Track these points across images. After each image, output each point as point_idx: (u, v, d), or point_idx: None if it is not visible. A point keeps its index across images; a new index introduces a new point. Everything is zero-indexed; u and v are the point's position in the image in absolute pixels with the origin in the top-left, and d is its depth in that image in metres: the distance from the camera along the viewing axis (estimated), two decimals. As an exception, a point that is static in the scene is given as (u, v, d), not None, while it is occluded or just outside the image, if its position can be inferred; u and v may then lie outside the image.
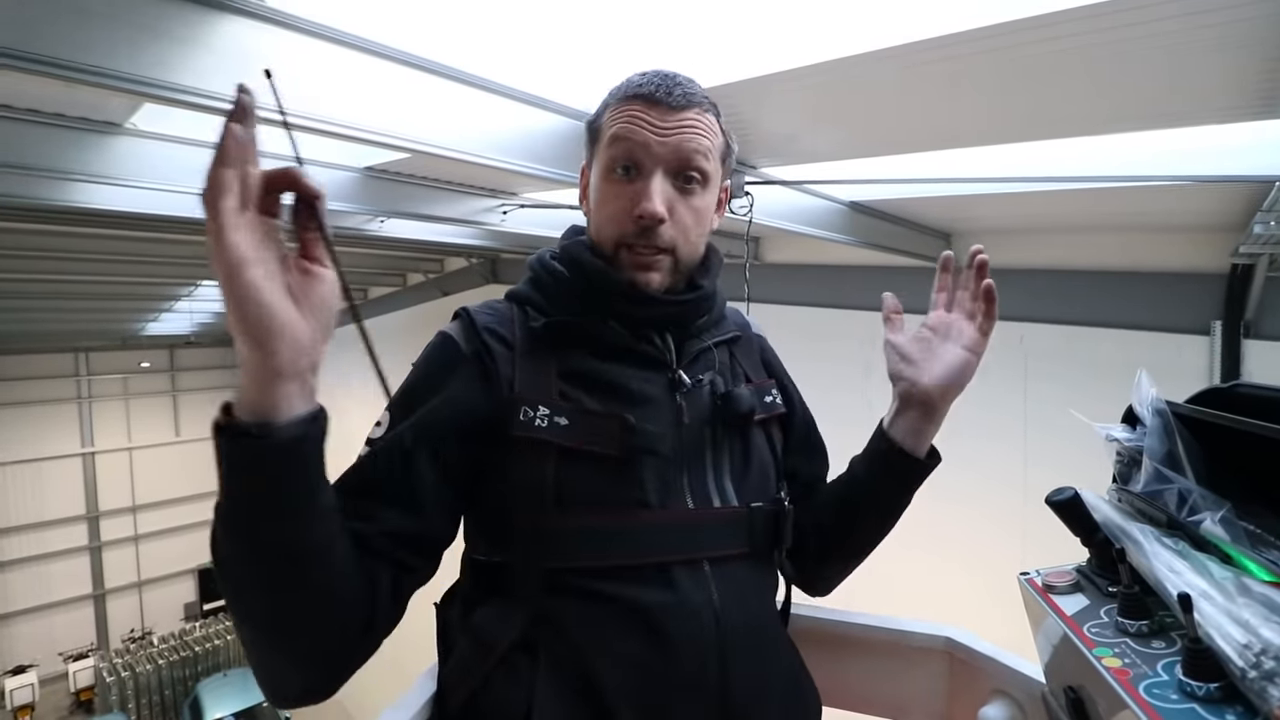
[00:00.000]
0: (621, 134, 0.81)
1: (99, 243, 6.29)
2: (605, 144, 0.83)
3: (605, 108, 0.86)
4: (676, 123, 0.81)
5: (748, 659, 0.77)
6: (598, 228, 0.86)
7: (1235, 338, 3.31)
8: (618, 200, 0.82)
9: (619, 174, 0.82)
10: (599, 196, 0.85)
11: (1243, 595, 0.52)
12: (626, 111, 0.82)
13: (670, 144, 0.80)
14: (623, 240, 0.82)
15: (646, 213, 0.79)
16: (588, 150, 0.90)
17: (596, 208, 0.86)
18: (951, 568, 4.49)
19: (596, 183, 0.86)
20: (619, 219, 0.82)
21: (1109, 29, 1.65)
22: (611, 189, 0.83)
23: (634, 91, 0.82)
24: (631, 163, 0.81)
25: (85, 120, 2.64)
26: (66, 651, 13.46)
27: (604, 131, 0.84)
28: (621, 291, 0.82)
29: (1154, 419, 0.70)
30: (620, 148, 0.81)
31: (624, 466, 0.76)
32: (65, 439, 14.71)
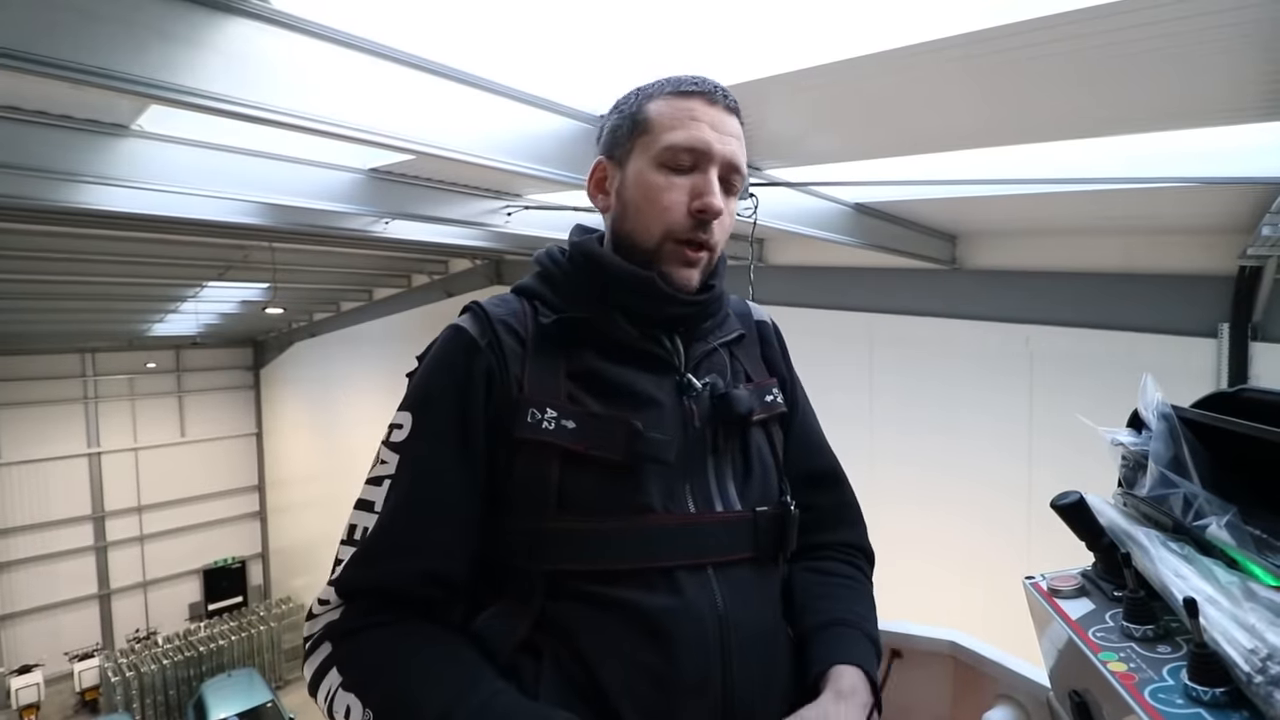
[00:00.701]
0: (684, 131, 0.79)
1: (106, 244, 6.32)
2: (659, 134, 0.80)
3: (646, 99, 0.83)
4: (729, 128, 0.81)
5: (751, 663, 0.76)
6: (643, 220, 0.82)
7: (1243, 340, 3.29)
8: (672, 192, 0.80)
9: (674, 166, 0.80)
10: (646, 186, 0.81)
11: (1249, 600, 0.51)
12: (685, 107, 0.80)
13: (728, 149, 0.81)
14: (672, 234, 0.80)
15: (710, 207, 0.79)
16: (619, 141, 0.85)
17: (643, 198, 0.81)
18: (955, 571, 4.48)
19: (642, 174, 0.81)
20: (673, 211, 0.80)
21: (1116, 30, 1.64)
22: (665, 179, 0.80)
23: (690, 88, 0.81)
24: (693, 159, 0.80)
25: (93, 122, 2.66)
26: (72, 651, 13.49)
27: (654, 122, 0.81)
28: (644, 287, 0.80)
29: (1159, 423, 0.70)
30: (681, 139, 0.79)
31: (628, 471, 0.76)
32: (71, 439, 14.76)
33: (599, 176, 0.88)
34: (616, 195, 0.85)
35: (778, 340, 0.99)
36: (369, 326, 11.15)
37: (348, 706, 0.68)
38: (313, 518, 13.94)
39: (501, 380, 0.77)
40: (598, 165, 0.88)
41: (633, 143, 0.83)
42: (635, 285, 0.81)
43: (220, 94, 1.54)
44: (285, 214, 4.26)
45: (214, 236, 6.14)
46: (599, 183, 0.89)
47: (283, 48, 1.68)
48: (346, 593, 0.74)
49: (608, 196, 0.87)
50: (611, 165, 0.87)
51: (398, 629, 0.72)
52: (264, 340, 16.48)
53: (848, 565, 0.92)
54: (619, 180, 0.85)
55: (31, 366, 14.08)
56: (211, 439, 16.46)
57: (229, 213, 4.07)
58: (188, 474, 15.94)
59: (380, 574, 0.73)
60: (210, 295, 9.80)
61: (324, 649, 0.72)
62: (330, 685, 0.70)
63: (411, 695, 0.66)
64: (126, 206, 3.45)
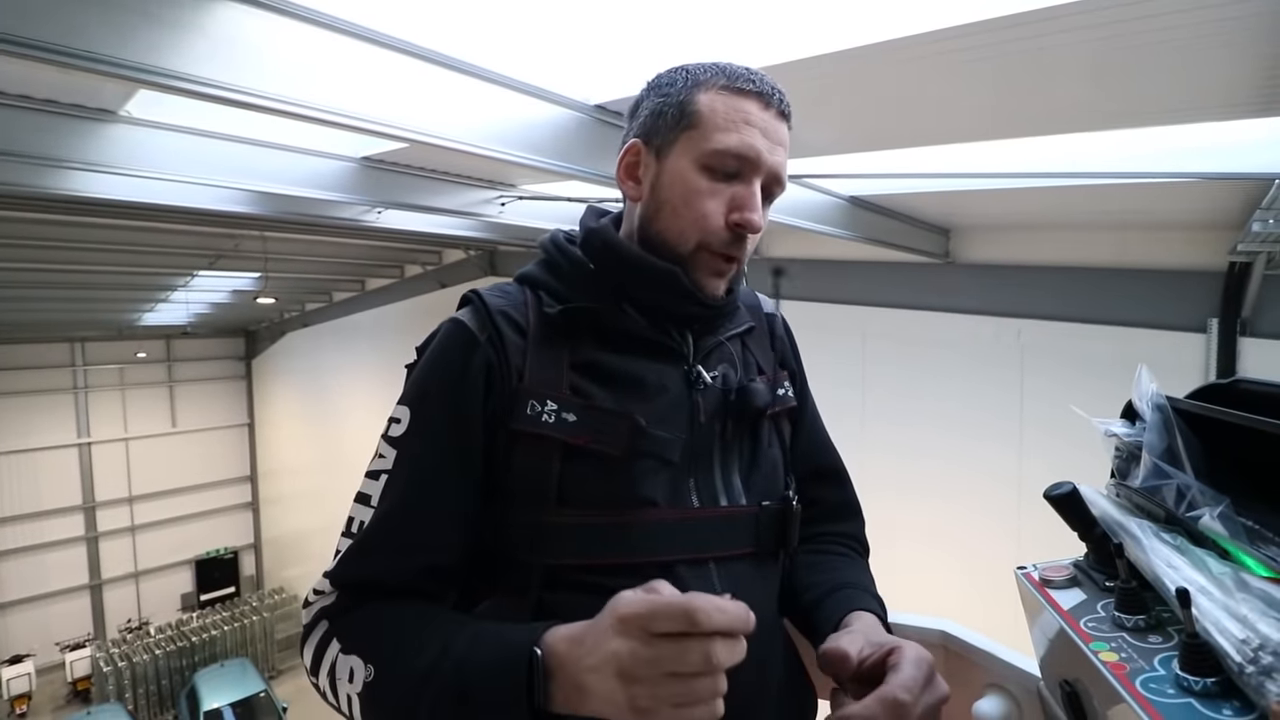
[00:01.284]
0: (735, 131, 0.74)
1: (94, 232, 6.26)
2: (708, 133, 0.75)
3: (696, 86, 0.77)
4: (780, 136, 0.77)
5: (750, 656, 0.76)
6: (679, 224, 0.77)
7: (1232, 335, 3.32)
8: (713, 199, 0.75)
9: (719, 171, 0.75)
10: (686, 188, 0.76)
11: (1241, 590, 0.51)
12: (740, 106, 0.75)
13: (776, 160, 0.76)
14: (707, 243, 0.76)
15: (750, 224, 0.75)
16: (659, 128, 0.79)
17: (682, 201, 0.77)
18: (947, 562, 4.51)
19: (685, 173, 0.76)
20: (711, 220, 0.75)
21: (1112, 24, 1.64)
22: (707, 185, 0.76)
23: (746, 86, 0.76)
24: (741, 165, 0.75)
25: (78, 107, 2.62)
26: (63, 641, 13.44)
27: (705, 118, 0.75)
28: (666, 283, 0.78)
29: (1154, 414, 0.70)
30: (733, 145, 0.74)
31: (629, 466, 0.75)
32: (61, 429, 14.67)
33: (631, 161, 0.82)
34: (650, 187, 0.80)
35: (786, 333, 0.98)
36: (362, 317, 11.11)
37: (351, 668, 0.68)
38: (305, 508, 13.92)
39: (501, 373, 0.76)
40: (631, 148, 0.81)
41: (677, 135, 0.77)
42: (657, 280, 0.78)
43: (208, 78, 1.52)
44: (276, 202, 4.22)
45: (204, 225, 6.08)
46: (630, 168, 0.82)
47: (272, 32, 1.65)
48: (341, 585, 0.74)
49: (639, 185, 0.81)
50: (648, 152, 0.80)
51: (391, 602, 0.73)
52: (256, 330, 16.39)
53: (846, 549, 0.93)
54: (655, 171, 0.79)
55: (20, 356, 13.96)
56: (203, 429, 16.39)
57: (219, 201, 4.04)
58: (179, 464, 15.87)
59: (375, 567, 0.73)
60: (201, 284, 9.72)
61: (321, 627, 0.73)
62: (332, 655, 0.70)
63: (409, 643, 0.67)
64: (114, 194, 3.41)
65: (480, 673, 0.61)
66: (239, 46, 1.58)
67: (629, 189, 0.83)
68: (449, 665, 0.62)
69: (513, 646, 0.60)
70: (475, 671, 0.61)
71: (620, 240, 0.81)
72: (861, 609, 0.77)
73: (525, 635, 0.61)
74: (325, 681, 0.71)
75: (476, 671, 0.61)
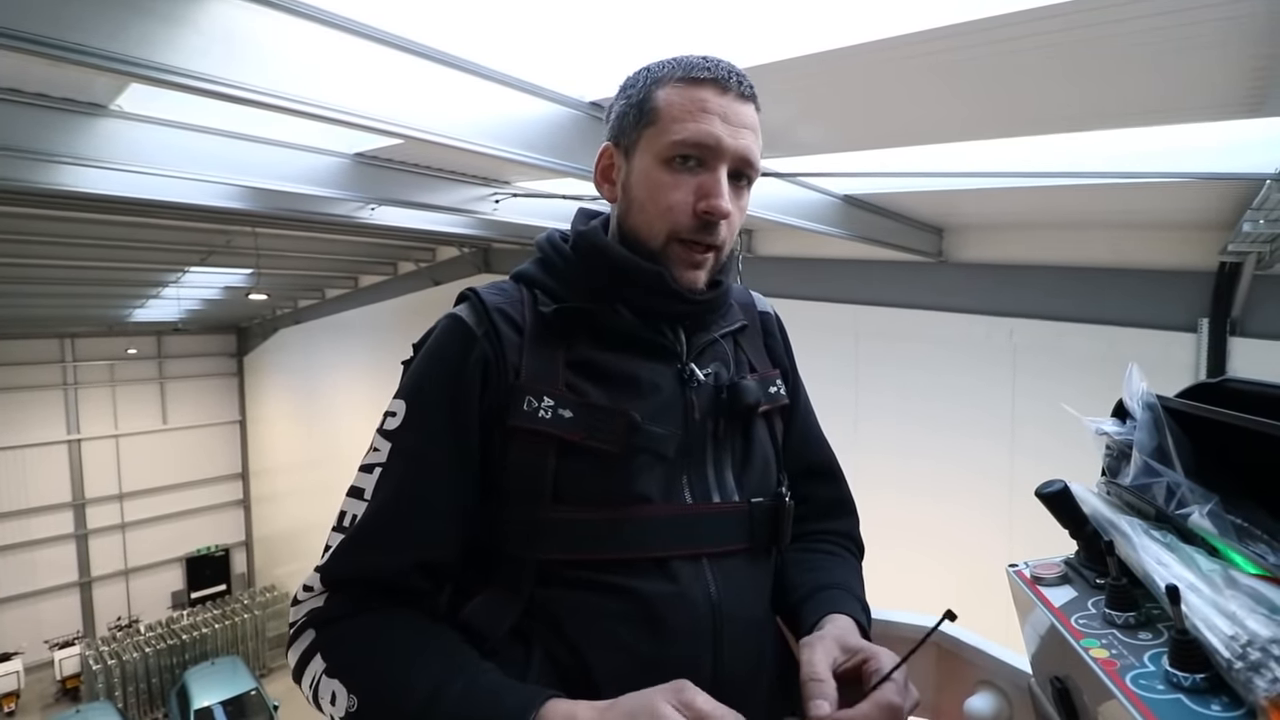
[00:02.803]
0: (692, 121, 0.75)
1: (85, 227, 6.21)
2: (665, 127, 0.76)
3: (655, 84, 0.78)
4: (742, 119, 0.77)
5: (742, 652, 0.77)
6: (647, 218, 0.78)
7: (1222, 335, 3.34)
8: (677, 191, 0.76)
9: (680, 164, 0.76)
10: (651, 184, 0.77)
11: (1230, 587, 0.52)
12: (695, 96, 0.75)
13: (740, 143, 0.76)
14: (676, 234, 0.77)
15: (717, 210, 0.75)
16: (625, 129, 0.80)
17: (648, 196, 0.78)
18: (939, 560, 4.53)
19: (648, 169, 0.78)
20: (677, 211, 0.76)
21: (1103, 24, 1.65)
22: (670, 178, 0.76)
23: (701, 75, 0.76)
24: (700, 154, 0.75)
25: (69, 101, 2.59)
26: (52, 639, 13.35)
27: (662, 113, 0.76)
28: (652, 283, 0.78)
29: (1144, 413, 0.71)
30: (689, 135, 0.75)
31: (625, 462, 0.75)
32: (51, 425, 14.55)
33: (605, 164, 0.84)
34: (623, 188, 0.82)
35: (780, 332, 0.98)
36: (355, 314, 11.06)
37: (333, 693, 0.67)
38: (297, 506, 13.86)
39: (498, 369, 0.76)
40: (604, 152, 0.84)
41: (639, 133, 0.79)
42: (642, 280, 0.79)
43: (201, 73, 1.51)
44: (268, 198, 4.20)
45: (196, 220, 6.04)
46: (605, 171, 0.84)
47: (265, 27, 1.64)
48: (332, 580, 0.73)
49: (614, 187, 0.83)
50: (618, 154, 0.82)
51: (381, 616, 0.71)
52: (248, 327, 16.29)
53: (838, 548, 0.93)
54: (625, 171, 0.81)
55: (9, 351, 13.84)
56: (194, 426, 16.29)
57: (211, 196, 4.01)
58: (170, 461, 15.77)
59: (366, 563, 0.73)
60: (192, 280, 9.65)
61: (308, 635, 0.72)
62: (315, 672, 0.69)
63: (397, 680, 0.66)
64: (105, 188, 3.39)
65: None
66: (232, 41, 1.57)
67: (605, 192, 0.85)
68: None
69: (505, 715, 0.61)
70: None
71: (608, 242, 0.81)
72: (840, 612, 0.77)
73: (519, 705, 0.62)
74: (309, 693, 0.70)
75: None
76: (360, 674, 0.67)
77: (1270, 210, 2.40)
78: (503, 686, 0.65)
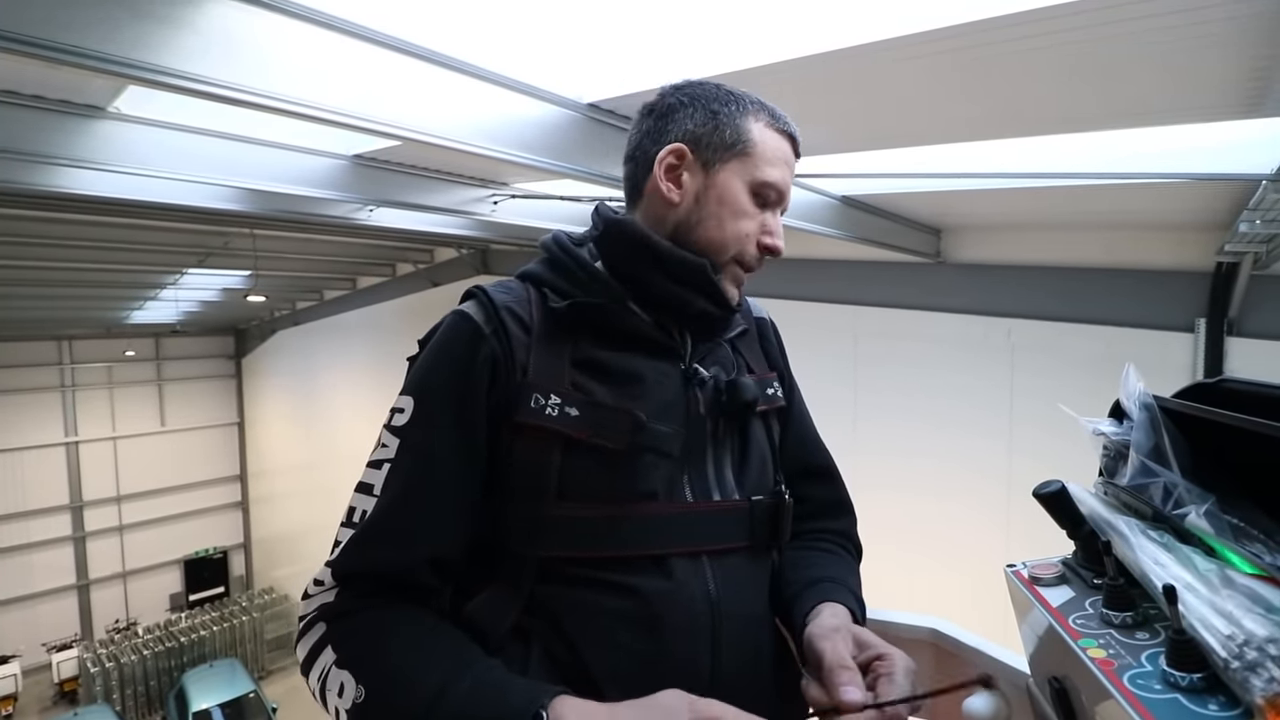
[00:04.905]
0: (780, 167, 0.84)
1: (82, 229, 6.19)
2: (759, 164, 0.83)
3: (746, 115, 0.84)
4: (793, 174, 0.87)
5: (741, 650, 0.77)
6: (722, 236, 0.82)
7: (1218, 335, 3.35)
8: (752, 221, 0.83)
9: (759, 199, 0.84)
10: (735, 207, 0.83)
11: (1226, 587, 0.52)
12: (782, 146, 0.85)
13: (790, 195, 0.87)
14: (740, 258, 0.84)
15: (777, 249, 0.85)
16: (717, 145, 0.82)
17: (730, 216, 0.82)
18: (937, 560, 4.53)
19: (737, 193, 0.83)
20: (746, 240, 0.83)
21: (1102, 25, 1.65)
22: (752, 209, 0.84)
23: (786, 128, 0.86)
24: (776, 196, 0.85)
25: (66, 103, 2.59)
26: (50, 642, 13.32)
27: (757, 148, 0.83)
28: (695, 275, 0.82)
29: (1141, 413, 0.71)
30: (777, 181, 0.84)
31: (629, 460, 0.76)
32: (48, 428, 14.52)
33: (673, 163, 0.83)
34: (695, 196, 0.83)
35: (775, 336, 1.00)
36: (353, 315, 11.04)
37: (341, 684, 0.68)
38: (295, 508, 13.84)
39: (506, 367, 0.77)
40: (677, 151, 0.83)
41: (730, 155, 0.83)
42: (685, 272, 0.81)
43: (198, 75, 1.50)
44: (266, 200, 4.19)
45: (194, 222, 6.03)
46: (672, 169, 0.84)
47: (263, 28, 1.64)
48: (341, 575, 0.74)
49: (680, 190, 0.83)
50: (694, 162, 0.83)
51: (391, 611, 0.72)
52: (246, 329, 16.26)
53: (835, 546, 0.94)
54: (701, 182, 0.83)
55: (6, 354, 13.81)
56: (192, 428, 16.26)
57: (209, 198, 4.00)
58: (168, 463, 15.74)
59: (376, 558, 0.73)
60: (190, 282, 9.63)
61: (318, 629, 0.72)
62: (324, 664, 0.70)
63: (405, 673, 0.66)
64: (102, 190, 3.37)
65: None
66: (229, 43, 1.56)
67: (667, 189, 0.83)
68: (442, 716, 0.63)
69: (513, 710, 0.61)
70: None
71: (649, 231, 0.83)
72: (835, 601, 0.78)
73: (527, 700, 0.62)
74: (316, 686, 0.70)
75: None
76: (370, 666, 0.68)
77: (1267, 211, 2.41)
78: (509, 682, 0.65)
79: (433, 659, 0.67)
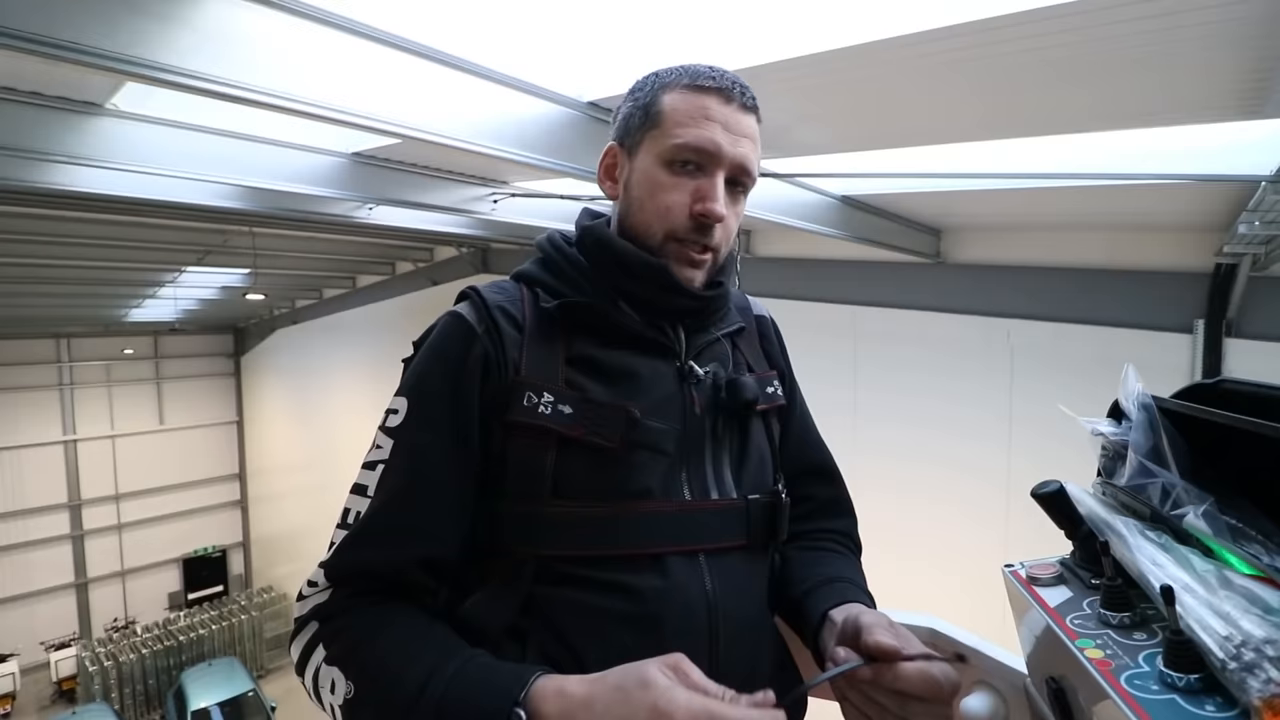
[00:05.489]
0: (694, 127, 0.78)
1: (80, 226, 6.19)
2: (668, 130, 0.79)
3: (661, 89, 0.81)
4: (742, 129, 0.79)
5: (739, 649, 0.77)
6: (645, 217, 0.81)
7: (1217, 336, 3.35)
8: (676, 192, 0.79)
9: (681, 166, 0.79)
10: (651, 184, 0.80)
11: (1224, 588, 0.52)
12: (699, 103, 0.78)
13: (739, 151, 0.79)
14: (674, 234, 0.80)
15: (711, 213, 0.78)
16: (630, 130, 0.83)
17: (647, 195, 0.81)
18: (935, 560, 4.54)
19: (650, 169, 0.80)
20: (674, 212, 0.79)
21: (1102, 26, 1.65)
22: (670, 180, 0.79)
23: (706, 83, 0.79)
24: (698, 160, 0.78)
25: (64, 100, 2.59)
26: (48, 640, 13.33)
27: (667, 117, 0.79)
28: (657, 276, 0.80)
29: (1140, 413, 0.71)
30: (691, 140, 0.77)
31: (624, 458, 0.76)
32: (47, 426, 14.51)
33: (609, 163, 0.86)
34: (625, 187, 0.84)
35: (776, 335, 1.00)
36: (353, 314, 11.04)
37: (332, 680, 0.68)
38: (294, 507, 13.84)
39: (498, 366, 0.77)
40: (609, 150, 0.86)
41: (643, 134, 0.81)
42: (647, 273, 0.80)
43: (196, 71, 1.50)
44: (265, 198, 4.19)
45: (193, 220, 6.02)
46: (609, 169, 0.87)
47: (262, 26, 1.64)
48: (335, 576, 0.73)
49: (616, 185, 0.86)
50: (622, 153, 0.85)
51: (382, 609, 0.72)
52: (245, 327, 16.26)
53: (838, 546, 0.93)
54: (628, 171, 0.84)
55: (4, 352, 13.81)
56: (191, 427, 16.25)
57: (208, 196, 4.00)
58: (167, 462, 15.74)
59: (369, 558, 0.73)
60: (189, 280, 9.63)
61: (311, 627, 0.73)
62: (316, 662, 0.70)
63: (392, 666, 0.66)
64: (101, 188, 3.38)
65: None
66: (228, 40, 1.56)
67: (608, 189, 0.87)
68: (428, 704, 0.62)
69: (495, 693, 0.61)
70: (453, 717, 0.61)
71: (612, 237, 0.83)
72: (853, 600, 0.78)
73: (509, 683, 0.61)
74: (310, 684, 0.71)
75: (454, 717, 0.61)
76: (358, 661, 0.68)
77: (1266, 212, 2.41)
78: (494, 668, 0.65)
79: (420, 652, 0.67)
